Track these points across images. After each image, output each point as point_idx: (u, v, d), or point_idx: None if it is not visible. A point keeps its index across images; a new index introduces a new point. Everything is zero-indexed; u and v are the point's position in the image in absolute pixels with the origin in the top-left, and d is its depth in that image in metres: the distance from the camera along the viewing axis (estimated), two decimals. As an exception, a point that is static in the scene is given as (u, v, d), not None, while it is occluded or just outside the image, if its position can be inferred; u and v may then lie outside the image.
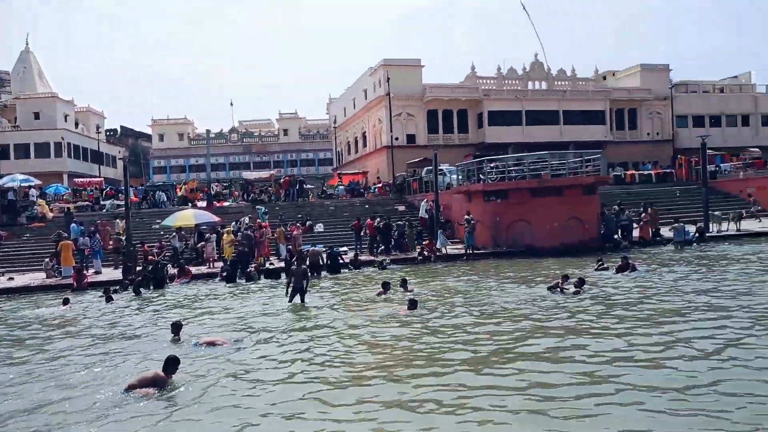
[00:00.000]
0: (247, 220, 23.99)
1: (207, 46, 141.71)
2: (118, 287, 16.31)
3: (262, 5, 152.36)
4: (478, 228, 20.97)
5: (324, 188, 35.99)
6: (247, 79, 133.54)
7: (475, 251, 20.52)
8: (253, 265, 18.24)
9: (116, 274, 18.76)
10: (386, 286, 13.03)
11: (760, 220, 25.37)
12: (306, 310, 11.88)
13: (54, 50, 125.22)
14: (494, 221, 21.46)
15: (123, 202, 23.50)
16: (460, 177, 24.97)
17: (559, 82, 40.09)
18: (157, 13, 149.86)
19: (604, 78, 43.85)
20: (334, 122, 48.66)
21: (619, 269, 14.42)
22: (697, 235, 20.97)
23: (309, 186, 37.78)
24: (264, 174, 39.64)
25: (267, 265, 18.96)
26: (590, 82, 41.09)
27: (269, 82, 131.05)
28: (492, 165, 22.96)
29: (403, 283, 13.31)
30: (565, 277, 12.50)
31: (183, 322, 10.08)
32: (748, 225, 24.08)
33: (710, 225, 23.40)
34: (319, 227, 25.26)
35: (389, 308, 11.41)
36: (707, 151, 26.72)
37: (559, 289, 12.02)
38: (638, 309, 10.29)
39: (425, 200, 25.54)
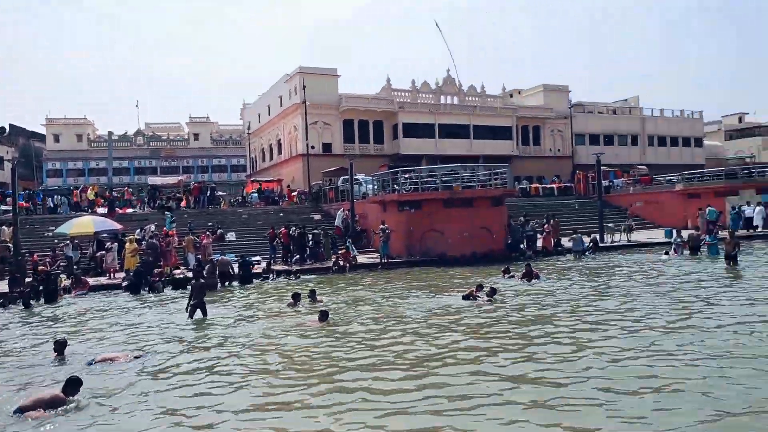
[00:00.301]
0: (153, 227, 22.77)
1: (114, 41, 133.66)
2: (1, 300, 14.85)
3: (179, 5, 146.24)
4: (393, 237, 21.27)
5: (243, 195, 35.01)
6: (156, 80, 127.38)
7: (389, 260, 20.77)
8: (157, 273, 17.31)
9: (2, 286, 17.07)
10: (296, 297, 12.86)
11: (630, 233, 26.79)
12: (212, 323, 11.43)
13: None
14: (408, 231, 21.87)
15: (11, 207, 21.49)
16: (376, 187, 25.23)
17: (470, 98, 41.78)
18: (54, 7, 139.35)
19: (511, 96, 46.26)
20: (248, 128, 47.57)
21: (524, 276, 15.20)
22: (591, 245, 22.54)
23: (221, 193, 36.58)
24: (172, 179, 37.87)
25: (175, 274, 18.07)
26: (498, 99, 43.19)
27: (179, 85, 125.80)
28: (406, 176, 23.40)
29: (312, 294, 13.18)
30: (479, 287, 12.99)
31: (69, 340, 9.36)
32: (637, 236, 26.26)
33: (605, 236, 25.26)
34: (231, 236, 24.49)
35: (299, 319, 11.28)
36: (602, 167, 28.89)
37: (473, 298, 12.44)
38: (537, 314, 10.88)
39: (341, 209, 25.55)
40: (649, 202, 33.98)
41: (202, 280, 12.65)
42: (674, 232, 21.73)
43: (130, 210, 29.21)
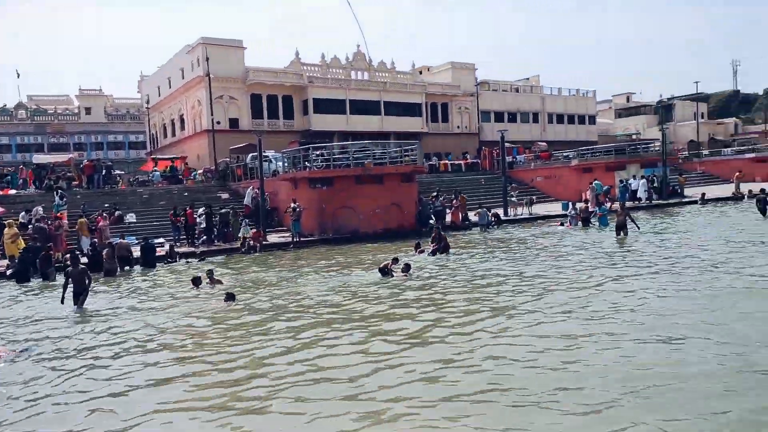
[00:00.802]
0: (41, 210, 20.88)
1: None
2: None
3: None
4: (305, 215, 21.02)
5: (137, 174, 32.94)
6: (40, 49, 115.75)
7: (302, 238, 20.54)
8: (52, 260, 15.97)
9: None
10: (196, 281, 12.43)
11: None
12: (107, 311, 10.75)
13: None
14: (320, 208, 21.70)
15: None
16: (286, 164, 24.71)
17: (380, 74, 41.78)
18: None
19: (420, 73, 46.81)
20: (147, 102, 44.63)
21: (434, 241, 15.77)
22: (494, 219, 23.60)
23: (118, 172, 34.25)
24: (62, 158, 34.79)
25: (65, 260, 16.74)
26: (408, 75, 43.55)
27: (67, 54, 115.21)
28: (318, 153, 23.11)
29: (210, 275, 12.77)
30: (395, 260, 13.28)
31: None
32: (537, 209, 27.81)
33: (509, 209, 26.51)
34: (131, 217, 23.05)
35: (202, 303, 10.92)
36: (506, 144, 30.15)
37: (389, 272, 12.62)
38: (446, 287, 11.26)
39: (250, 187, 24.81)
40: (548, 177, 36.03)
41: (82, 266, 11.68)
42: (570, 204, 23.22)
43: (12, 191, 26.56)
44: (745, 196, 29.43)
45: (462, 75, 46.59)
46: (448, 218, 23.75)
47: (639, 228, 17.45)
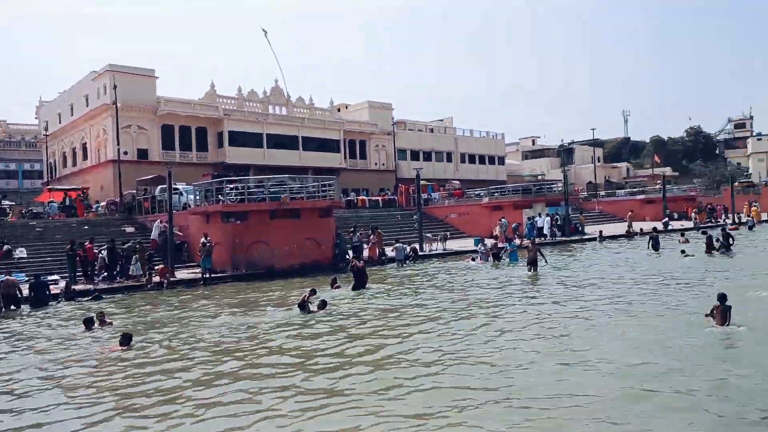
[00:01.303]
0: None
1: None
2: None
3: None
4: (217, 250, 20.23)
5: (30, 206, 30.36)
6: None
7: (213, 275, 19.69)
8: None
9: None
10: (89, 322, 11.54)
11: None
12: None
13: None
14: (234, 243, 21.00)
15: None
16: (198, 197, 23.81)
17: (298, 110, 41.87)
18: None
19: (339, 110, 47.45)
20: (46, 129, 41.68)
21: (355, 287, 15.58)
22: (411, 254, 23.95)
23: (8, 202, 31.45)
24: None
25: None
26: (326, 112, 43.96)
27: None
28: (232, 186, 22.50)
29: (100, 318, 11.90)
30: (313, 291, 13.07)
31: None
32: (451, 245, 28.58)
33: (424, 245, 27.02)
34: (21, 252, 21.09)
35: (95, 346, 10.10)
36: (421, 181, 30.98)
37: (307, 308, 12.30)
38: (364, 325, 11.18)
39: (158, 221, 23.59)
40: (461, 214, 37.28)
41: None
42: (480, 240, 24.06)
43: None
44: (637, 234, 32.04)
45: (379, 114, 47.74)
46: (366, 253, 23.80)
47: (547, 262, 18.31)
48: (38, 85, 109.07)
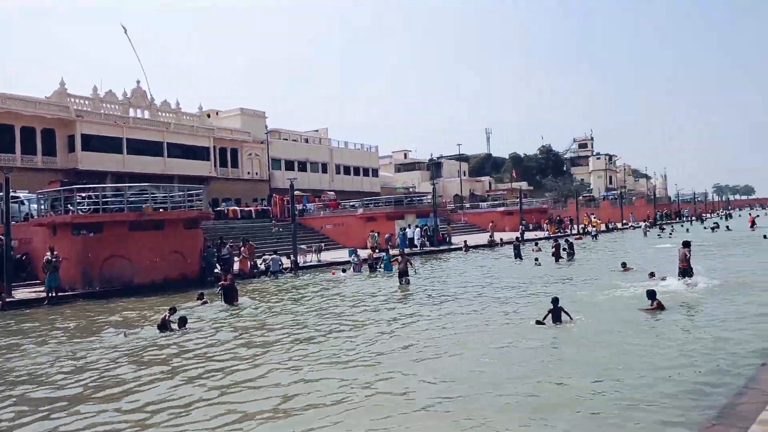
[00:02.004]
0: None
1: None
2: None
3: None
4: (66, 266, 18.16)
5: None
6: None
7: (60, 293, 17.61)
8: None
9: None
10: None
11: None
12: None
13: None
14: (86, 258, 19.00)
15: None
16: (44, 206, 21.25)
17: (163, 114, 39.37)
18: None
19: (208, 116, 45.42)
20: None
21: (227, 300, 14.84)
22: (292, 265, 23.47)
23: None
24: None
25: None
26: (195, 118, 41.84)
27: None
28: (84, 194, 20.38)
29: None
30: (173, 310, 12.16)
31: None
32: (326, 256, 28.50)
33: (299, 256, 26.61)
34: None
35: None
36: (296, 192, 30.57)
37: (168, 324, 11.45)
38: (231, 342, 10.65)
39: (-8, 234, 20.63)
40: (337, 225, 37.41)
41: None
42: (354, 251, 24.28)
43: None
44: (498, 244, 34.47)
45: (252, 121, 46.51)
46: (236, 266, 22.88)
47: (417, 272, 18.77)
48: None
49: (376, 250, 27.50)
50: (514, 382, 7.17)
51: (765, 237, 31.03)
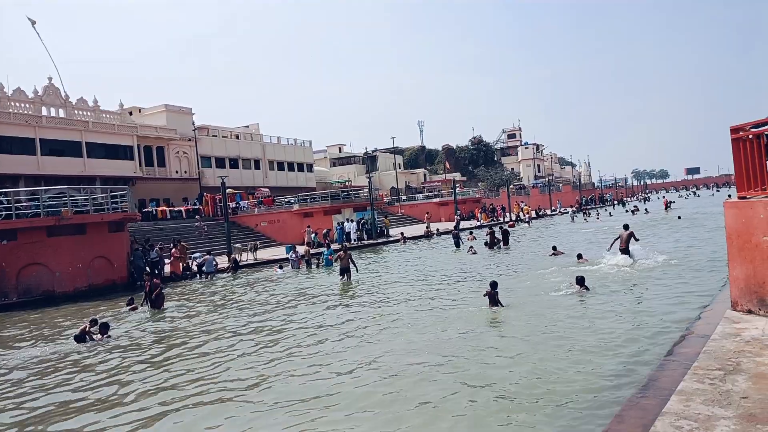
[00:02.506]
0: None
1: None
2: None
3: None
4: (-25, 278, 16.78)
5: None
6: None
7: (-31, 308, 16.27)
8: None
9: None
10: None
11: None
12: None
13: None
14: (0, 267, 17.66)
15: None
16: (-54, 214, 19.51)
17: (81, 112, 37.10)
18: None
19: (131, 114, 43.22)
20: None
21: (153, 305, 14.16)
22: (232, 264, 22.83)
23: None
24: None
25: None
26: (116, 115, 39.68)
27: None
28: (-6, 200, 18.91)
29: None
30: (93, 322, 11.44)
31: None
32: (262, 254, 27.92)
33: (234, 255, 25.90)
34: None
35: None
36: (228, 189, 29.73)
37: (87, 336, 10.78)
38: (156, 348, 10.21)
39: None
40: (272, 222, 36.72)
41: None
42: (292, 248, 23.93)
43: None
44: (434, 234, 35.03)
45: (178, 118, 44.68)
46: (167, 269, 21.98)
47: (358, 270, 17.67)
48: None
49: (314, 246, 27.22)
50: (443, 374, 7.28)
51: (679, 218, 33.36)
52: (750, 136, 7.26)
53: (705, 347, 5.99)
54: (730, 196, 9.59)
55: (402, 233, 33.41)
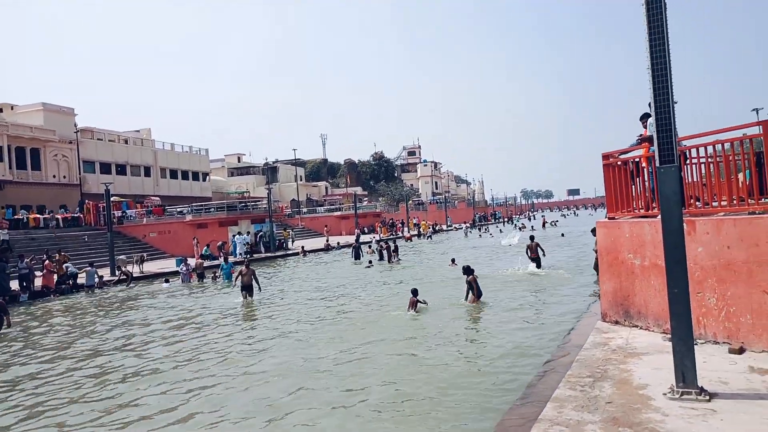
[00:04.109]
0: None
1: None
2: None
3: None
4: None
5: None
6: None
7: None
8: None
9: None
10: None
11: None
12: None
13: None
14: None
15: None
16: None
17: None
18: None
19: (1, 111, 39.09)
20: None
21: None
22: (123, 276, 21.28)
23: None
24: None
25: None
26: (-17, 111, 35.72)
27: None
28: None
29: None
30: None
31: None
32: (150, 266, 26.25)
33: (120, 267, 24.10)
34: None
35: None
36: (114, 197, 27.72)
37: None
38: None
39: None
40: (162, 233, 34.70)
41: None
42: (183, 260, 22.74)
43: None
44: (334, 248, 34.97)
45: (57, 119, 40.98)
46: (38, 282, 19.94)
47: (261, 289, 15.81)
48: None
49: (208, 259, 26.06)
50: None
51: (563, 235, 36.07)
52: (618, 162, 8.00)
53: (578, 356, 6.45)
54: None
55: (302, 246, 33.00)
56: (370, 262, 23.65)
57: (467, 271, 12.36)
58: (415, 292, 11.89)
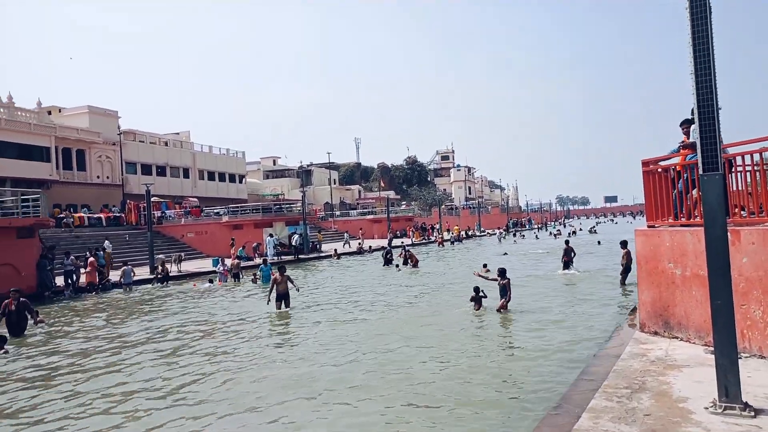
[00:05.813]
0: None
1: None
2: None
3: None
4: None
5: None
6: None
7: None
8: None
9: None
10: None
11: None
12: None
13: None
14: None
15: None
16: None
17: (-6, 108, 34.59)
18: None
19: (49, 113, 40.72)
20: None
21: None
22: (161, 275, 21.82)
23: None
24: None
25: None
26: (32, 114, 37.28)
27: None
28: None
29: None
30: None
31: None
32: (187, 266, 26.86)
33: (165, 266, 24.70)
34: None
35: None
36: (154, 198, 28.51)
37: None
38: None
39: None
40: (199, 233, 35.51)
41: None
42: (219, 261, 23.18)
43: None
44: (366, 251, 35.09)
45: (102, 121, 42.46)
46: (84, 279, 20.67)
47: (298, 290, 15.10)
48: None
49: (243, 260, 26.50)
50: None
51: (599, 243, 35.31)
52: (658, 170, 7.82)
53: (615, 366, 6.31)
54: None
55: (335, 249, 33.24)
56: (398, 266, 24.14)
57: (501, 274, 12.27)
58: (477, 289, 12.31)
